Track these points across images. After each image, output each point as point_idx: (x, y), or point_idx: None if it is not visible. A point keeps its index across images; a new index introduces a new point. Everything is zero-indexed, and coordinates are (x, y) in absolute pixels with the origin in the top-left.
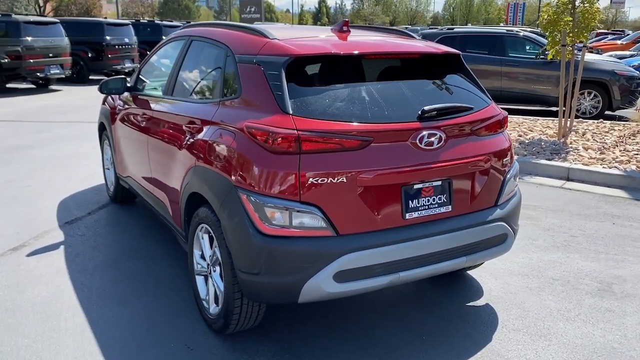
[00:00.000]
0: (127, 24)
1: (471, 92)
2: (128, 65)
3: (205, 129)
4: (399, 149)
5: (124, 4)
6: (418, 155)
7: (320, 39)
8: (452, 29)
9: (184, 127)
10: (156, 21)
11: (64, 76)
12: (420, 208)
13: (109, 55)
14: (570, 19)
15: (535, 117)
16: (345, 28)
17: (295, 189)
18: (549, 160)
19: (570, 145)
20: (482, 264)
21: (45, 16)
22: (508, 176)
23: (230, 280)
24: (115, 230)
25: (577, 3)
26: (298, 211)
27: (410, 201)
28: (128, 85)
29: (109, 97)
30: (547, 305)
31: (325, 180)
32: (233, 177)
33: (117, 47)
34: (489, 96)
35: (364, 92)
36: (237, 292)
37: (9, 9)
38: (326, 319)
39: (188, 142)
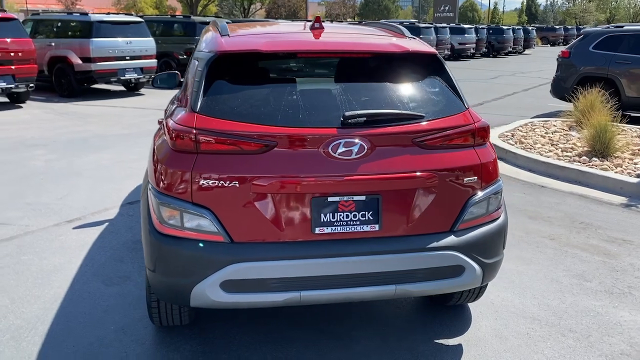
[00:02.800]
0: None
1: (438, 98)
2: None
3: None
4: (307, 156)
5: (328, 5)
6: (331, 165)
7: (266, 35)
8: (622, 26)
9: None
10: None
11: None
12: (335, 223)
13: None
14: None
15: None
16: (317, 25)
17: (188, 189)
18: None
19: None
20: (476, 295)
21: (248, 17)
22: (475, 199)
23: (145, 273)
24: None
25: None
26: (189, 213)
27: (322, 215)
28: (181, 80)
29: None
30: None
31: (220, 184)
32: (150, 172)
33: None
34: (466, 104)
35: (286, 93)
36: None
37: (230, 11)
38: (266, 333)
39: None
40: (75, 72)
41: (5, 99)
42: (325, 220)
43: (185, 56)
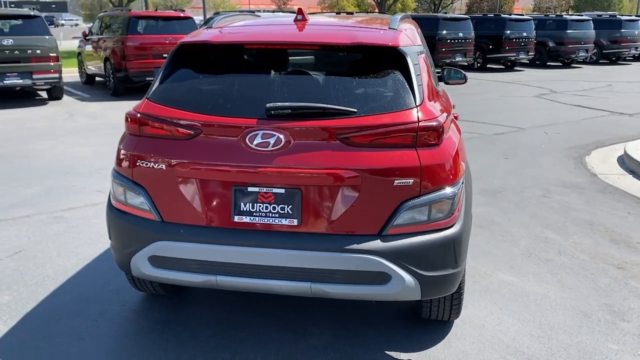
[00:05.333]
0: (529, 20)
1: (384, 93)
2: (522, 56)
3: None
4: (227, 145)
5: None
6: (248, 156)
7: (233, 27)
8: None
9: None
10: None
11: (466, 63)
12: (254, 213)
13: (507, 47)
14: None
15: None
16: (299, 17)
17: (130, 168)
18: None
19: None
20: (449, 311)
21: (438, 12)
22: (411, 203)
23: None
24: None
25: None
26: (130, 190)
27: (242, 204)
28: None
29: None
30: None
31: (152, 165)
32: None
33: (514, 40)
34: (417, 101)
35: (225, 83)
36: None
37: (429, 7)
38: (227, 314)
39: None
40: None
41: None
42: (244, 209)
43: None
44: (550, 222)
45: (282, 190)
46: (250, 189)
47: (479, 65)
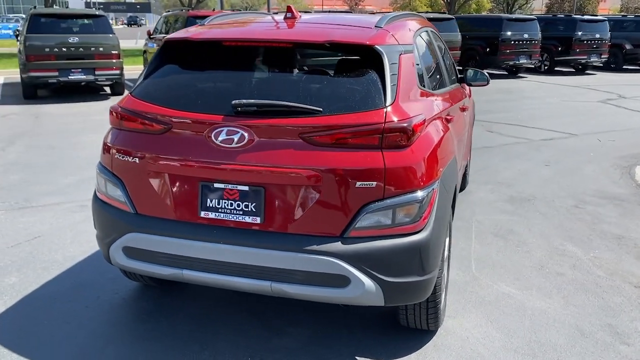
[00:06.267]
0: (603, 20)
1: (354, 92)
2: (594, 59)
3: None
4: (194, 141)
5: None
6: (213, 152)
7: (216, 25)
8: None
9: None
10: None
11: (532, 66)
12: (220, 210)
13: (577, 50)
14: None
15: None
16: (289, 14)
17: (110, 161)
18: None
19: None
20: (426, 319)
21: (511, 12)
22: (374, 206)
23: None
24: None
25: None
26: (109, 182)
27: (208, 200)
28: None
29: None
30: None
31: (129, 158)
32: None
33: (585, 42)
34: (387, 101)
35: (200, 79)
36: None
37: (505, 8)
38: (209, 311)
39: None
40: None
41: None
42: (210, 205)
43: None
44: (575, 234)
45: (246, 188)
46: (216, 185)
47: (546, 68)
